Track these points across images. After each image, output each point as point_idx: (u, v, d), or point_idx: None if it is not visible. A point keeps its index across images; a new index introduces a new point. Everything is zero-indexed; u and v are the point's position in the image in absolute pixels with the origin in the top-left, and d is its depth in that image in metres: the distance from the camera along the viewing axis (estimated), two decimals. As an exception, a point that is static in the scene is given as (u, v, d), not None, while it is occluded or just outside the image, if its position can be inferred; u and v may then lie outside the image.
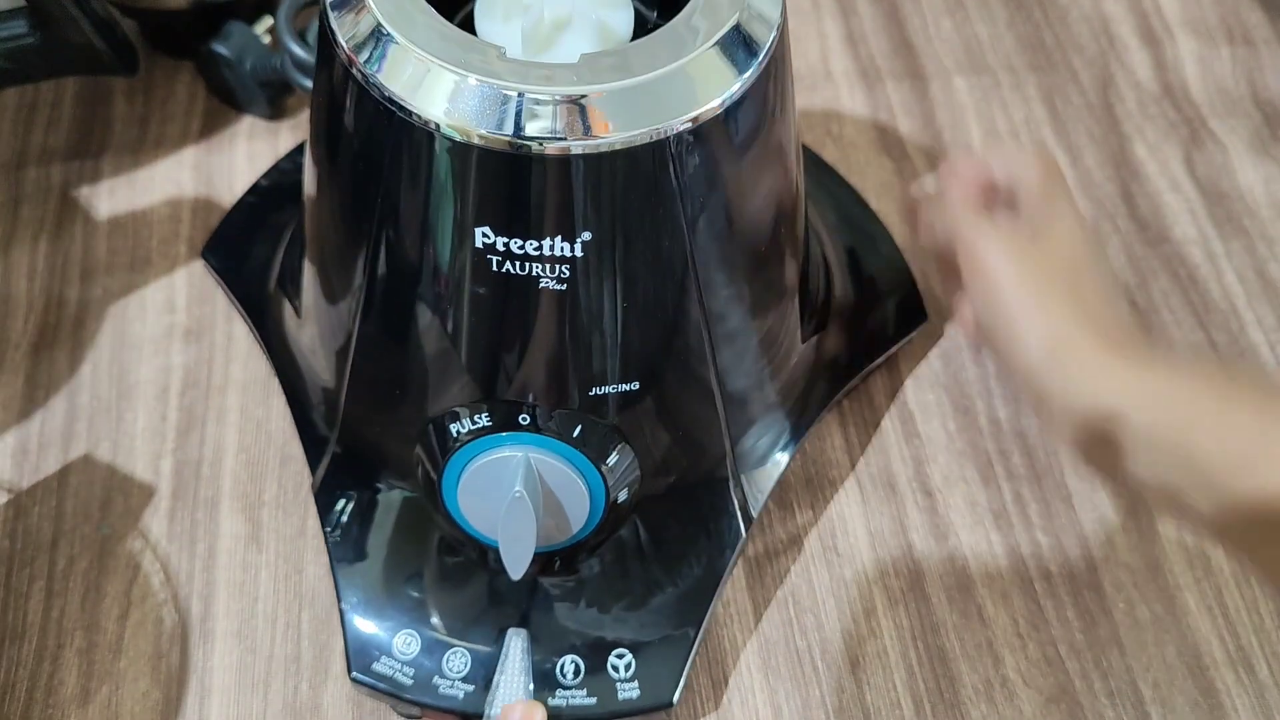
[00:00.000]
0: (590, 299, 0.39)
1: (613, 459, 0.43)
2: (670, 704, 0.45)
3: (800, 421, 0.52)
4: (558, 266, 0.38)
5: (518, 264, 0.38)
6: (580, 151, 0.36)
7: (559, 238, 0.37)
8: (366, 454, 0.48)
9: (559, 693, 0.45)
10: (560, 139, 0.35)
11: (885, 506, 0.53)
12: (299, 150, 0.62)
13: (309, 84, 0.58)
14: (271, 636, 0.49)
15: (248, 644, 0.48)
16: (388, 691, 0.45)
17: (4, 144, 0.63)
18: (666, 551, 0.48)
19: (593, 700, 0.45)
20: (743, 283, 0.44)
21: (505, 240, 0.37)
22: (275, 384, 0.55)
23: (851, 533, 0.53)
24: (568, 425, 0.42)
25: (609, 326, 0.41)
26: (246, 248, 0.57)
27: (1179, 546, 0.53)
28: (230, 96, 0.64)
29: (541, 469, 0.42)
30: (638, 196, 0.38)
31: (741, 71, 0.37)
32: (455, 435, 0.43)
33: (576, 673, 0.45)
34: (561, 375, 0.42)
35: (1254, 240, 0.63)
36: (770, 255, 0.46)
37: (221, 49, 0.62)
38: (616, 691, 0.45)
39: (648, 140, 0.36)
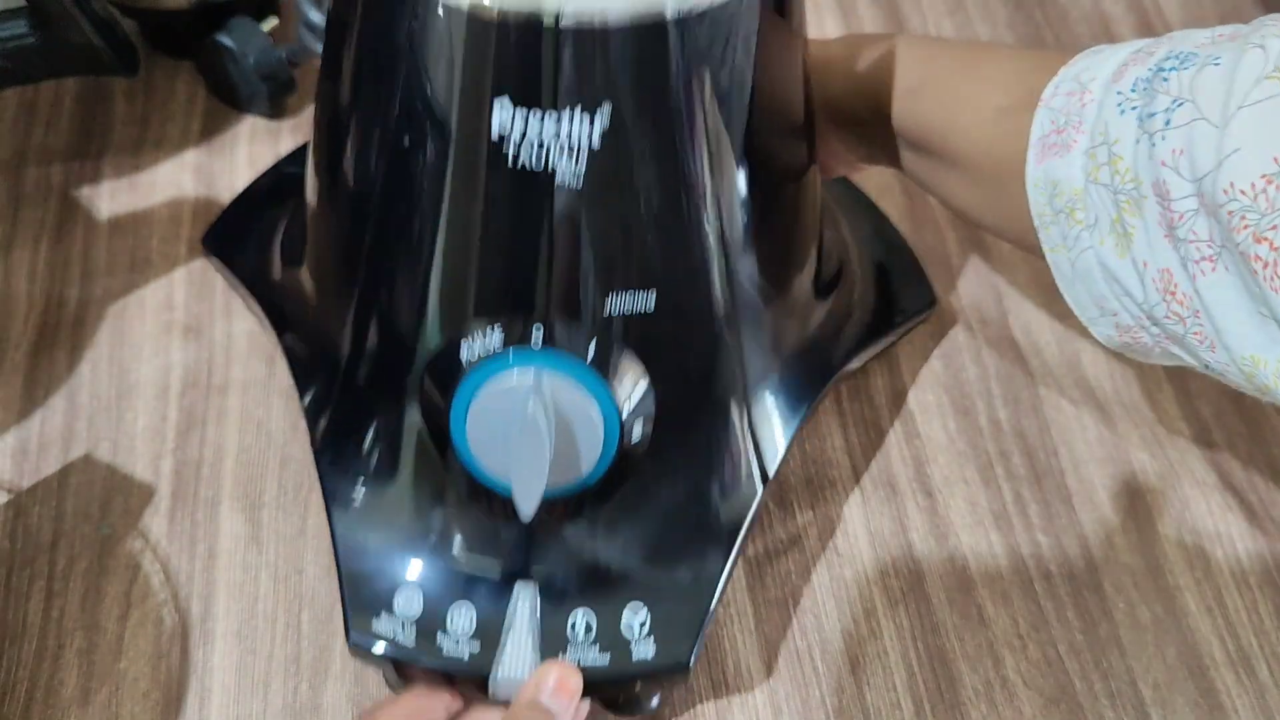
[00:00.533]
0: (607, 196, 0.37)
1: (626, 383, 0.41)
2: (687, 665, 0.43)
3: (811, 384, 0.50)
4: (575, 159, 0.36)
5: (534, 155, 0.36)
6: (604, 24, 0.34)
7: (578, 111, 0.35)
8: (371, 403, 0.45)
9: (570, 650, 0.42)
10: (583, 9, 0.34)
11: (885, 507, 0.53)
12: (300, 150, 0.62)
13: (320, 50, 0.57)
14: (271, 637, 0.49)
15: (248, 644, 0.48)
16: (389, 655, 0.42)
17: (4, 144, 0.63)
18: (682, 506, 0.45)
19: (605, 658, 0.42)
20: (761, 197, 0.42)
21: (524, 121, 0.35)
22: (275, 384, 0.55)
23: (852, 533, 0.53)
24: (581, 343, 0.40)
25: (625, 230, 0.39)
26: (247, 232, 0.56)
27: (1179, 547, 0.53)
28: (231, 94, 0.64)
29: (555, 392, 0.39)
30: (655, 76, 0.36)
31: None
32: (465, 359, 0.40)
33: (588, 629, 0.43)
34: (576, 287, 0.39)
35: (1254, 241, 0.63)
36: (786, 174, 0.44)
37: (226, 40, 0.62)
38: (631, 650, 0.42)
39: (671, 15, 0.34)
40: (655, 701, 0.45)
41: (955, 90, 0.46)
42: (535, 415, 0.37)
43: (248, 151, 0.64)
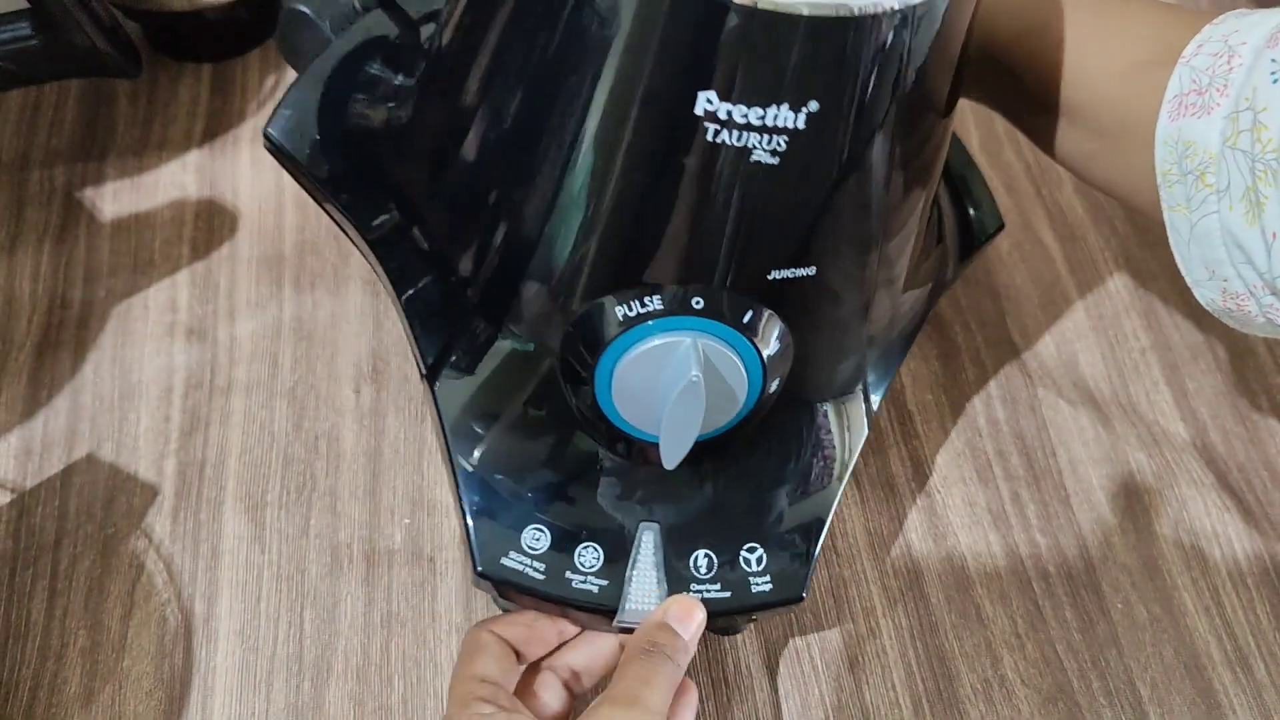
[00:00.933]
0: (800, 176, 0.38)
1: (775, 347, 0.42)
2: (800, 599, 0.45)
3: (915, 322, 0.51)
4: (775, 138, 0.36)
5: (735, 134, 0.36)
6: (831, 14, 0.34)
7: (783, 102, 0.35)
8: (506, 343, 0.45)
9: (692, 587, 0.44)
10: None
11: (884, 506, 0.54)
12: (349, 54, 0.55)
13: None
14: (274, 636, 0.49)
15: (250, 643, 0.49)
16: (518, 587, 0.43)
17: (8, 145, 0.64)
18: (795, 447, 0.47)
19: (727, 594, 0.44)
20: (918, 172, 0.43)
21: (729, 106, 0.35)
22: (278, 384, 0.55)
23: (850, 532, 0.53)
24: (739, 310, 0.40)
25: (808, 207, 0.39)
26: (326, 126, 0.52)
27: (1176, 547, 0.53)
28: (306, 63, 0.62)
29: (709, 355, 0.40)
30: (869, 71, 0.36)
31: None
32: (623, 316, 0.40)
33: (709, 567, 0.44)
34: (748, 256, 0.40)
35: (1252, 242, 0.63)
36: (941, 148, 0.44)
37: (303, 8, 0.60)
38: (749, 585, 0.44)
39: (892, 10, 0.34)
40: (749, 624, 0.49)
41: (1084, 38, 0.44)
42: (698, 382, 0.39)
43: (250, 153, 0.64)
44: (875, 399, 0.49)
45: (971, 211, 0.56)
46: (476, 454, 0.45)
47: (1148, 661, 0.50)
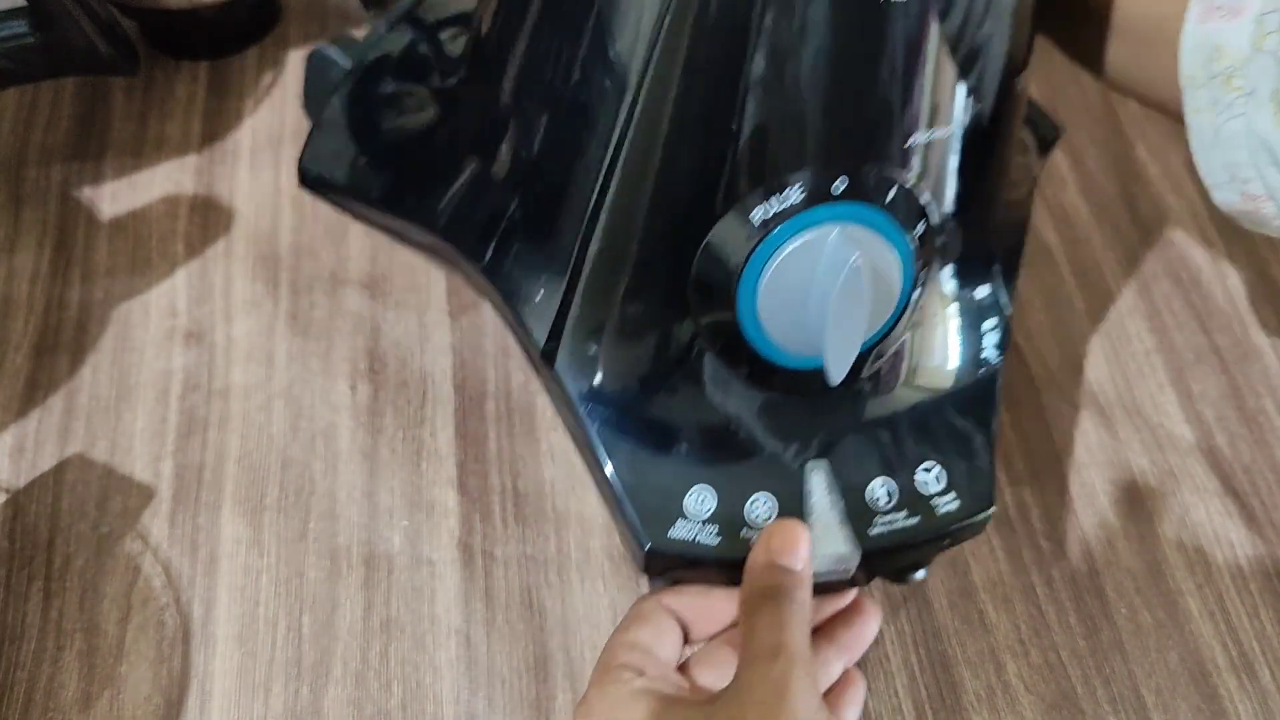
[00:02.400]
0: (940, 20, 0.35)
1: (920, 227, 0.39)
2: (990, 511, 0.42)
3: (1025, 219, 0.49)
4: None
5: None
6: None
7: None
8: (631, 290, 0.41)
9: (878, 520, 0.41)
10: None
11: (887, 511, 0.53)
12: (376, 65, 0.55)
13: None
14: (272, 641, 0.49)
15: (248, 648, 0.48)
16: (693, 558, 0.40)
17: (4, 143, 0.63)
18: (944, 355, 0.44)
19: (915, 520, 0.41)
20: (1025, 40, 0.41)
21: None
22: (274, 385, 0.55)
23: (853, 537, 0.52)
24: (884, 188, 0.37)
25: (947, 50, 0.36)
26: (357, 153, 0.51)
27: (1181, 551, 0.53)
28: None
29: (862, 242, 0.37)
30: None
31: None
32: (759, 219, 0.37)
33: (889, 496, 0.42)
34: (887, 120, 0.36)
35: (1256, 243, 0.63)
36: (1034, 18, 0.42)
37: (332, 53, 0.59)
38: (935, 507, 0.42)
39: None
40: (923, 573, 0.46)
41: None
42: (859, 267, 0.36)
43: (249, 152, 0.64)
44: (1008, 290, 0.46)
45: (1033, 119, 0.55)
46: (616, 426, 0.42)
47: (1152, 667, 0.49)
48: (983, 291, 0.45)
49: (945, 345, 0.45)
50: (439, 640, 0.49)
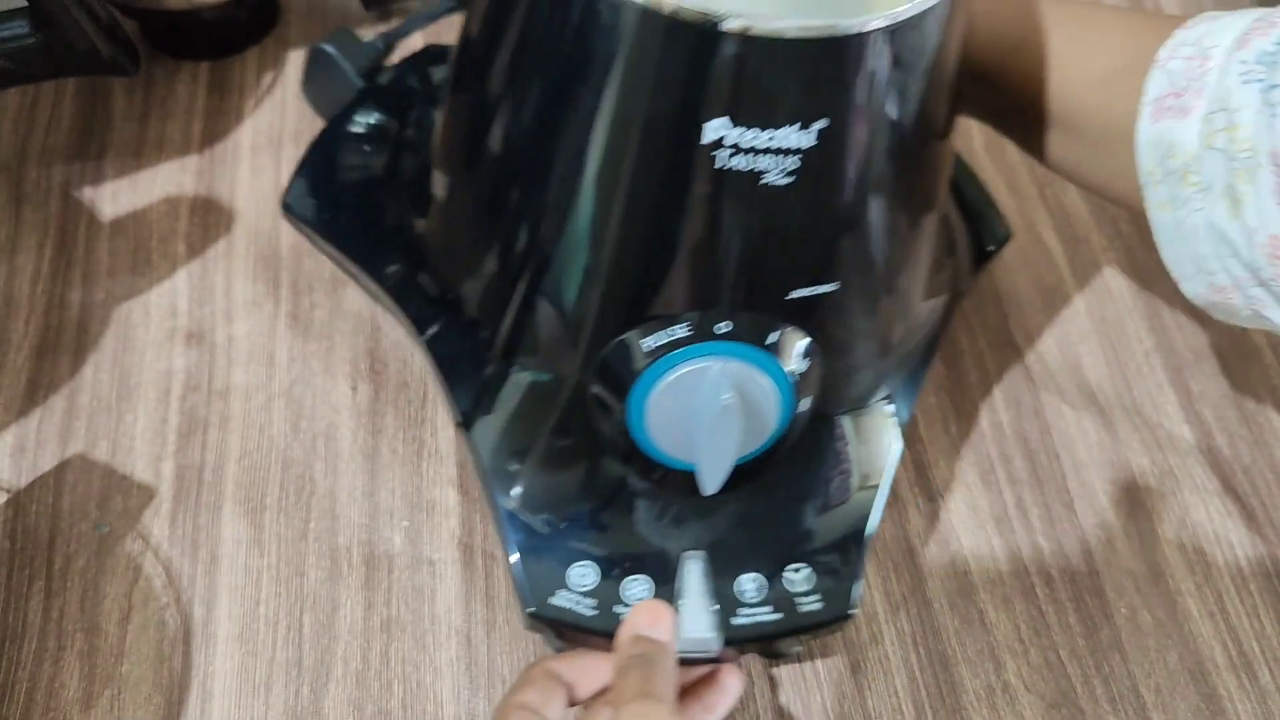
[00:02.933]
0: (812, 194, 0.38)
1: (802, 365, 0.42)
2: (849, 615, 0.45)
3: (931, 341, 0.52)
4: (787, 159, 0.36)
5: (745, 158, 0.36)
6: (835, 34, 0.34)
7: (793, 125, 0.35)
8: (536, 385, 0.46)
9: (742, 612, 0.44)
10: (799, 22, 0.34)
11: (887, 510, 0.53)
12: (364, 98, 0.59)
13: None
14: (273, 640, 0.49)
15: (249, 648, 0.48)
16: (570, 625, 0.44)
17: (5, 144, 0.63)
18: (829, 463, 0.47)
19: (778, 616, 0.44)
20: (925, 182, 0.44)
21: (738, 132, 0.35)
22: (277, 387, 0.55)
23: (853, 537, 0.53)
24: (764, 331, 0.41)
25: (825, 224, 0.40)
26: (334, 191, 0.55)
27: (1180, 551, 0.53)
28: (332, 105, 0.62)
29: (738, 378, 0.40)
30: (869, 84, 0.36)
31: None
32: (650, 347, 0.41)
33: (758, 591, 0.45)
34: (766, 278, 0.40)
35: (1256, 244, 0.63)
36: (945, 158, 0.45)
37: (329, 48, 0.60)
38: (799, 606, 0.45)
39: (882, 25, 0.35)
40: (799, 648, 0.49)
41: (1061, 50, 0.46)
42: (730, 406, 0.39)
43: (249, 152, 0.64)
44: (905, 410, 0.49)
45: (978, 222, 0.57)
46: (517, 496, 0.45)
47: (1151, 667, 0.49)
48: (871, 411, 0.49)
49: (829, 458, 0.48)
50: (439, 640, 0.49)
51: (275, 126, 0.65)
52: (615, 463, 0.45)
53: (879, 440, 0.48)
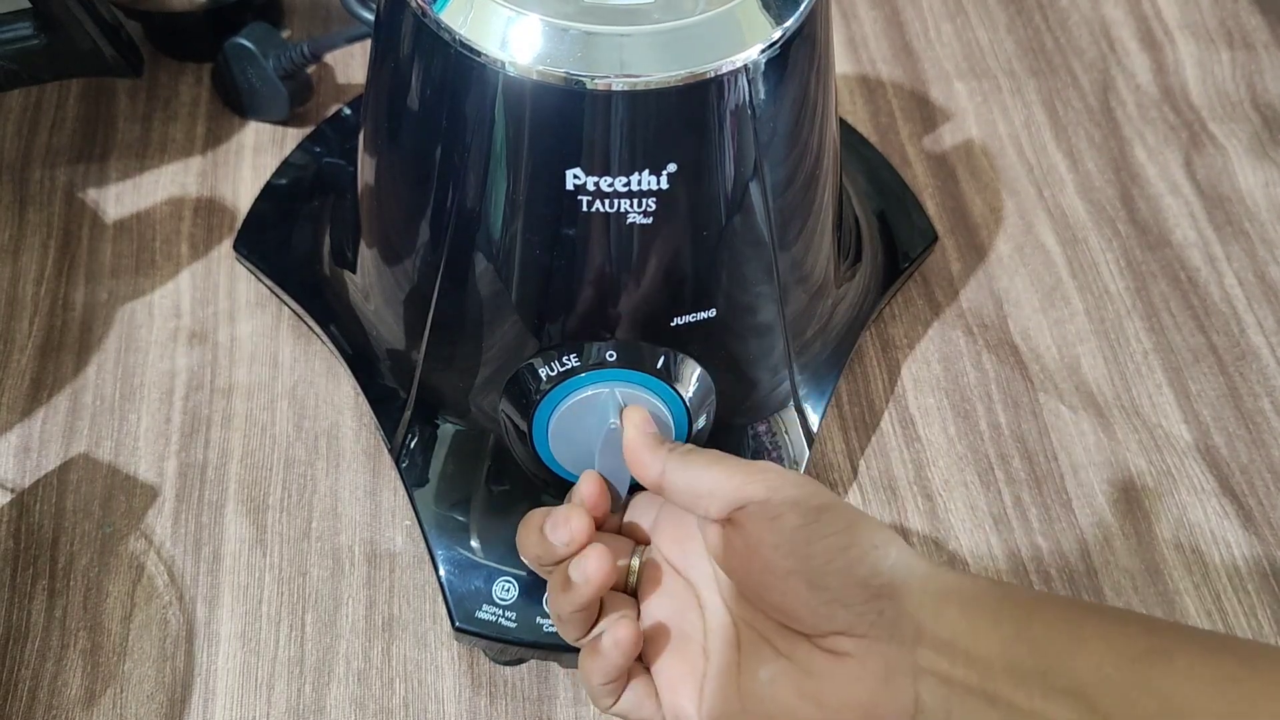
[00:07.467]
0: (674, 230, 0.41)
1: (693, 387, 0.45)
2: None
3: (842, 349, 0.54)
4: (644, 200, 0.39)
5: (606, 202, 0.39)
6: (670, 84, 0.37)
7: (644, 169, 0.38)
8: (448, 411, 0.49)
9: None
10: (642, 76, 0.36)
11: (886, 510, 0.54)
12: (312, 139, 0.62)
13: (368, 15, 0.56)
14: (275, 639, 0.49)
15: (251, 646, 0.49)
16: (493, 637, 0.46)
17: (9, 145, 0.64)
18: None
19: None
20: (801, 210, 0.45)
21: (595, 179, 0.38)
22: (280, 387, 0.55)
23: (852, 536, 0.53)
24: (651, 358, 0.44)
25: (692, 256, 0.42)
26: (281, 234, 0.58)
27: (1178, 551, 0.53)
28: (249, 98, 0.64)
29: (630, 402, 0.43)
30: (718, 127, 0.39)
31: (781, 22, 0.39)
32: (543, 379, 0.44)
33: None
34: (646, 309, 0.43)
35: (1254, 243, 0.63)
36: (822, 186, 0.47)
37: (246, 42, 0.62)
38: None
39: (718, 74, 0.37)
40: None
41: None
42: (617, 429, 0.42)
43: (252, 153, 0.64)
44: (814, 417, 0.52)
45: (899, 229, 0.60)
46: (444, 521, 0.48)
47: (1149, 666, 0.50)
48: (777, 418, 0.51)
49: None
50: (441, 639, 0.49)
51: (278, 127, 0.65)
52: (533, 486, 0.48)
53: (789, 445, 0.51)
